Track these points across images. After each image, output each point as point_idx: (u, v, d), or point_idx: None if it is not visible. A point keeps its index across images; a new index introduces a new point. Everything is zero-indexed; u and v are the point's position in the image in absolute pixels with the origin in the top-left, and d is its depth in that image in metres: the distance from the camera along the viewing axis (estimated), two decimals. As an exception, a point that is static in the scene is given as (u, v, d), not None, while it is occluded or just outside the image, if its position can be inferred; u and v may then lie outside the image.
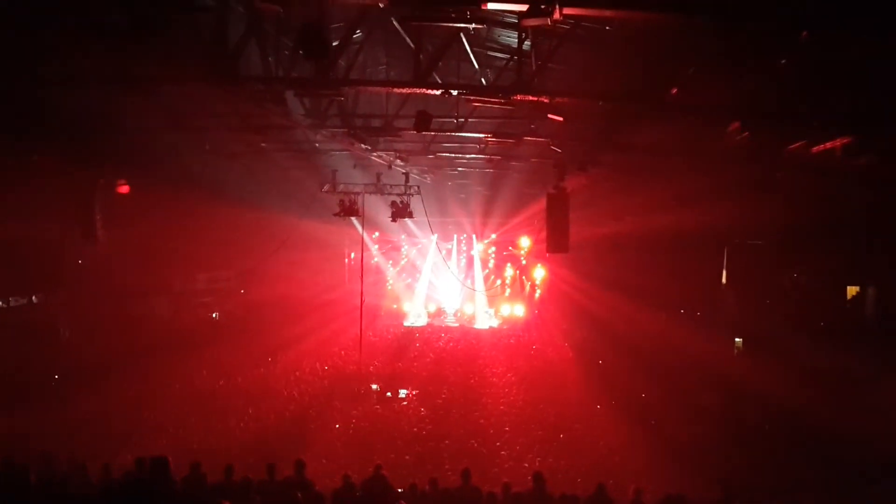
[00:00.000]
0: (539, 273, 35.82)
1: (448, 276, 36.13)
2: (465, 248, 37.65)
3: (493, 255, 37.69)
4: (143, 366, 21.17)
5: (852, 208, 16.60)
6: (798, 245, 21.66)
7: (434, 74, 12.21)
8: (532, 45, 11.94)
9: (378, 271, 37.30)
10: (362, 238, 28.68)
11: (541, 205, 18.59)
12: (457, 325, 34.61)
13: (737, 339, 26.29)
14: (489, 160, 21.69)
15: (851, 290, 23.00)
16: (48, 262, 22.07)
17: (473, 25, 10.06)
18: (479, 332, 32.68)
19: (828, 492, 10.15)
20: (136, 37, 9.33)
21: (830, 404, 17.86)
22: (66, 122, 14.58)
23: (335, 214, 25.49)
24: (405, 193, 25.71)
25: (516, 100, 11.83)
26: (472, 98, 12.17)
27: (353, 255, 36.64)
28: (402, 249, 38.47)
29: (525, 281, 36.92)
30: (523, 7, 8.42)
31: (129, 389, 19.13)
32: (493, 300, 36.41)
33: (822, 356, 19.17)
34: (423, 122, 13.53)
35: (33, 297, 23.89)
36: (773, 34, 9.51)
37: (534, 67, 11.89)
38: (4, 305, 22.76)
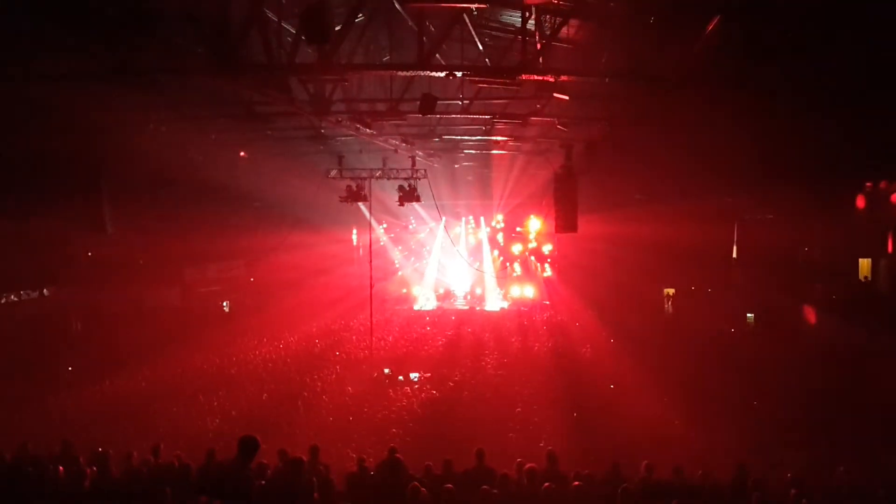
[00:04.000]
0: (547, 253, 35.85)
1: (457, 259, 36.15)
2: (473, 230, 37.68)
3: (501, 237, 37.71)
4: (154, 356, 21.29)
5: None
6: (809, 218, 21.55)
7: (438, 56, 12.14)
8: (536, 24, 11.84)
9: (386, 256, 37.33)
10: (370, 223, 28.67)
11: (548, 185, 18.53)
12: (467, 307, 34.68)
13: (748, 314, 26.25)
14: (496, 141, 21.61)
15: (864, 263, 22.88)
16: (58, 256, 22.18)
17: (476, 5, 10.00)
18: (489, 314, 32.72)
19: (841, 465, 10.13)
20: (134, 28, 9.29)
21: (844, 378, 17.84)
22: (70, 116, 14.58)
23: (342, 200, 25.46)
24: (412, 177, 25.65)
25: (521, 80, 11.75)
26: (476, 79, 12.07)
27: (361, 240, 36.71)
28: (411, 233, 38.54)
29: (534, 262, 36.92)
30: (526, -15, 8.36)
31: (142, 380, 19.25)
32: (502, 282, 36.41)
33: (835, 330, 19.11)
34: (428, 104, 13.46)
35: (44, 291, 24.04)
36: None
37: (538, 46, 11.80)
38: (16, 299, 22.91)
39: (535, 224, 35.67)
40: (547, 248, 36.16)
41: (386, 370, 20.94)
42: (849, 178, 19.31)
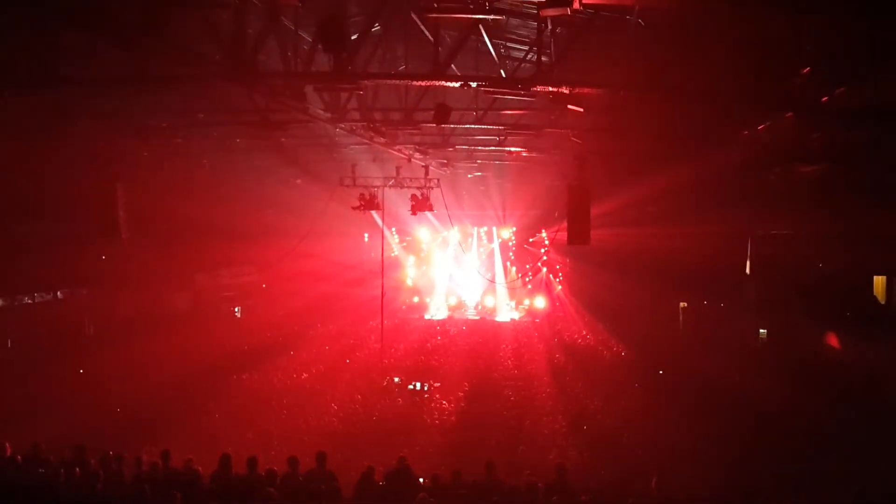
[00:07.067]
0: (560, 265, 35.75)
1: (468, 269, 36.12)
2: (485, 241, 37.65)
3: (513, 248, 37.66)
4: (166, 361, 21.33)
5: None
6: (823, 234, 21.36)
7: (453, 67, 12.18)
8: (551, 36, 11.86)
9: (398, 264, 37.34)
10: (382, 232, 28.69)
11: (561, 196, 18.50)
12: (478, 317, 34.65)
13: (761, 330, 26.02)
14: (509, 152, 21.61)
15: (878, 281, 22.65)
16: (72, 259, 22.27)
17: (492, 17, 10.01)
18: (500, 325, 32.65)
19: (851, 487, 10.03)
20: (152, 35, 9.36)
21: (857, 396, 17.66)
22: (87, 121, 14.71)
23: (355, 208, 25.44)
24: (425, 186, 25.62)
25: (536, 91, 11.76)
26: (491, 90, 12.09)
27: (372, 249, 36.72)
28: (422, 242, 38.53)
29: (546, 273, 36.84)
30: (542, -3, 8.37)
31: (153, 384, 19.28)
32: (513, 292, 36.34)
33: (849, 348, 18.91)
34: (442, 114, 13.47)
35: (58, 293, 24.14)
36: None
37: (553, 58, 11.81)
38: (30, 301, 23.03)
39: (547, 235, 35.60)
40: (559, 260, 36.05)
41: (396, 379, 20.93)
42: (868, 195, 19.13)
